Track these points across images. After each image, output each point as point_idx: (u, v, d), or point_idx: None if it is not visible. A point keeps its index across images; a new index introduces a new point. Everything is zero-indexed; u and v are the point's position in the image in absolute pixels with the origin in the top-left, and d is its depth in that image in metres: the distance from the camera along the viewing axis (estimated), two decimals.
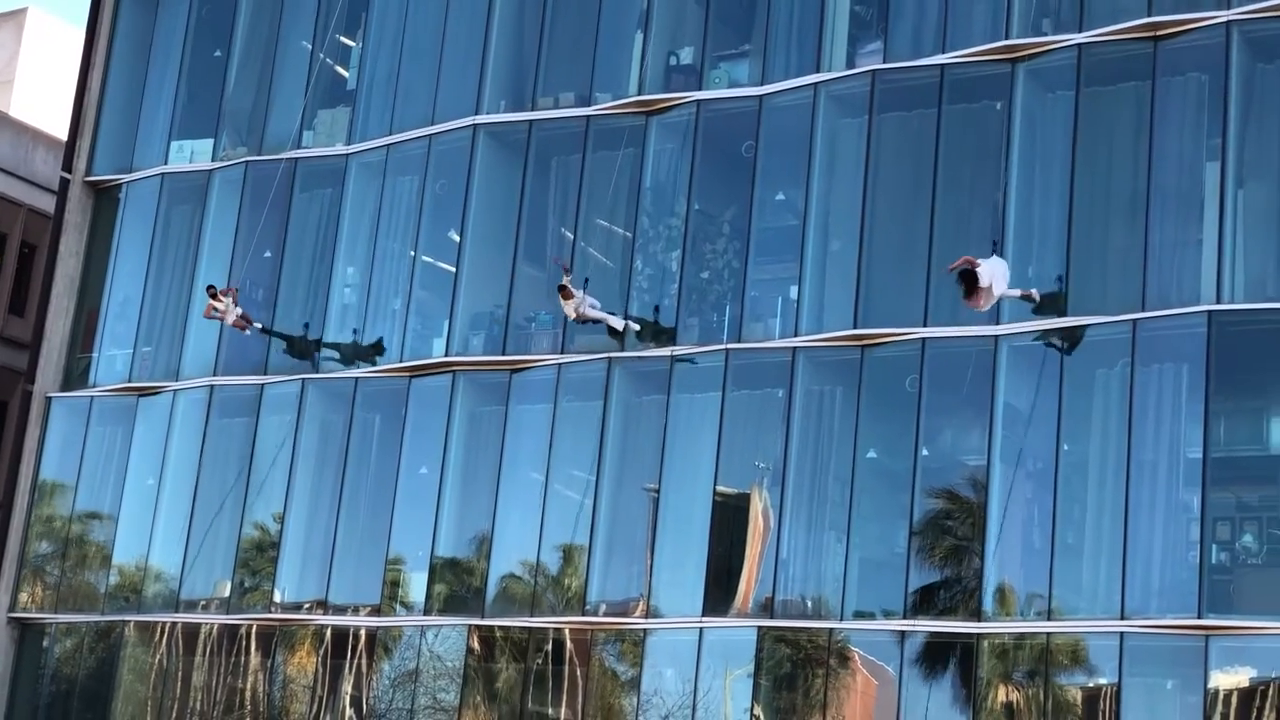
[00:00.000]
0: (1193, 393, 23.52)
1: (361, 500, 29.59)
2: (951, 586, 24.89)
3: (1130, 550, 23.35)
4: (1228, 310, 23.41)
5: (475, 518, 28.54)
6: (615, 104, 28.74)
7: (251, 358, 30.86)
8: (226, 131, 32.77)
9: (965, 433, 25.68)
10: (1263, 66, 24.19)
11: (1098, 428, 24.32)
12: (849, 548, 25.28)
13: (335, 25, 32.09)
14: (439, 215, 30.00)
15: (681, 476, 26.94)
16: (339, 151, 31.24)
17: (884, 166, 26.48)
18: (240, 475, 30.69)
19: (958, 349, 25.27)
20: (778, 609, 25.63)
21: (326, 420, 30.42)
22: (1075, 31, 25.25)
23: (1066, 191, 24.97)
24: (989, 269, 23.38)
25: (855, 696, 25.41)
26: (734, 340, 26.89)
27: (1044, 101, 25.65)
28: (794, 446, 26.05)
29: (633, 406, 27.75)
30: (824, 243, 26.76)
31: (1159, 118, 24.44)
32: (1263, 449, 23.46)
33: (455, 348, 29.09)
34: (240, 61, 32.93)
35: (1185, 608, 22.79)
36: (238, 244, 31.77)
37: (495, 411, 28.72)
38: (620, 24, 29.22)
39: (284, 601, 29.94)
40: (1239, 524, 23.36)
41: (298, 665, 29.73)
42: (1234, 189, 23.84)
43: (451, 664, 28.17)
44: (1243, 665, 22.74)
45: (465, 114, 29.79)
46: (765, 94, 27.55)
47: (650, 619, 26.53)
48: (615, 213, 28.55)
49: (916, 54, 26.55)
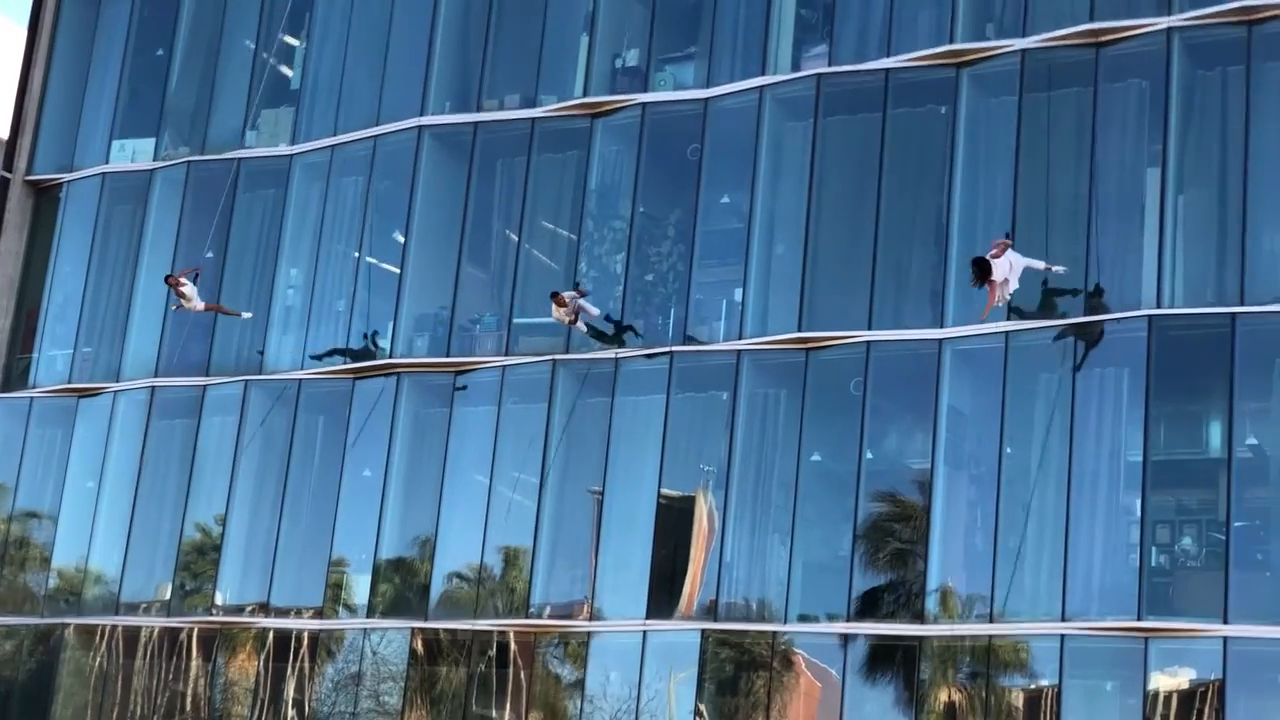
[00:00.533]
0: (1133, 397, 23.68)
1: (304, 502, 29.46)
2: (895, 589, 24.97)
3: (1071, 553, 23.48)
4: (1168, 315, 23.58)
5: (419, 520, 28.46)
6: (560, 106, 28.71)
7: (193, 359, 30.66)
8: (169, 131, 32.59)
9: (909, 436, 25.78)
10: (1203, 73, 24.38)
11: (1040, 431, 24.44)
12: (793, 551, 25.33)
13: (279, 24, 31.95)
14: (383, 216, 29.90)
15: (626, 479, 26.94)
16: (282, 152, 31.10)
17: (829, 170, 26.55)
18: (181, 477, 30.51)
19: (902, 352, 25.37)
20: (722, 612, 25.66)
21: (269, 422, 30.25)
22: (1018, 36, 25.39)
23: (1010, 196, 25.09)
24: (1007, 262, 23.21)
25: (799, 699, 25.47)
26: (679, 343, 26.90)
27: (988, 106, 25.77)
28: (738, 449, 26.10)
29: (577, 409, 27.71)
30: (769, 246, 26.81)
31: (1101, 123, 24.60)
32: (1202, 453, 23.63)
33: (399, 349, 29.00)
34: (183, 60, 32.74)
35: (1125, 610, 22.94)
36: (179, 244, 31.60)
37: (439, 413, 28.64)
38: (566, 26, 29.19)
39: (225, 604, 29.78)
40: (1178, 527, 23.53)
41: (239, 668, 29.57)
42: (1174, 195, 24.02)
43: (395, 667, 28.07)
44: (1182, 667, 22.91)
45: (410, 115, 29.71)
46: (710, 97, 27.58)
47: (594, 622, 26.51)
48: (560, 215, 28.54)
49: (861, 58, 26.64)
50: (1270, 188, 23.52)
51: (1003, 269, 23.12)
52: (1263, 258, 23.47)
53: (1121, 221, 24.40)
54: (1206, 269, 23.88)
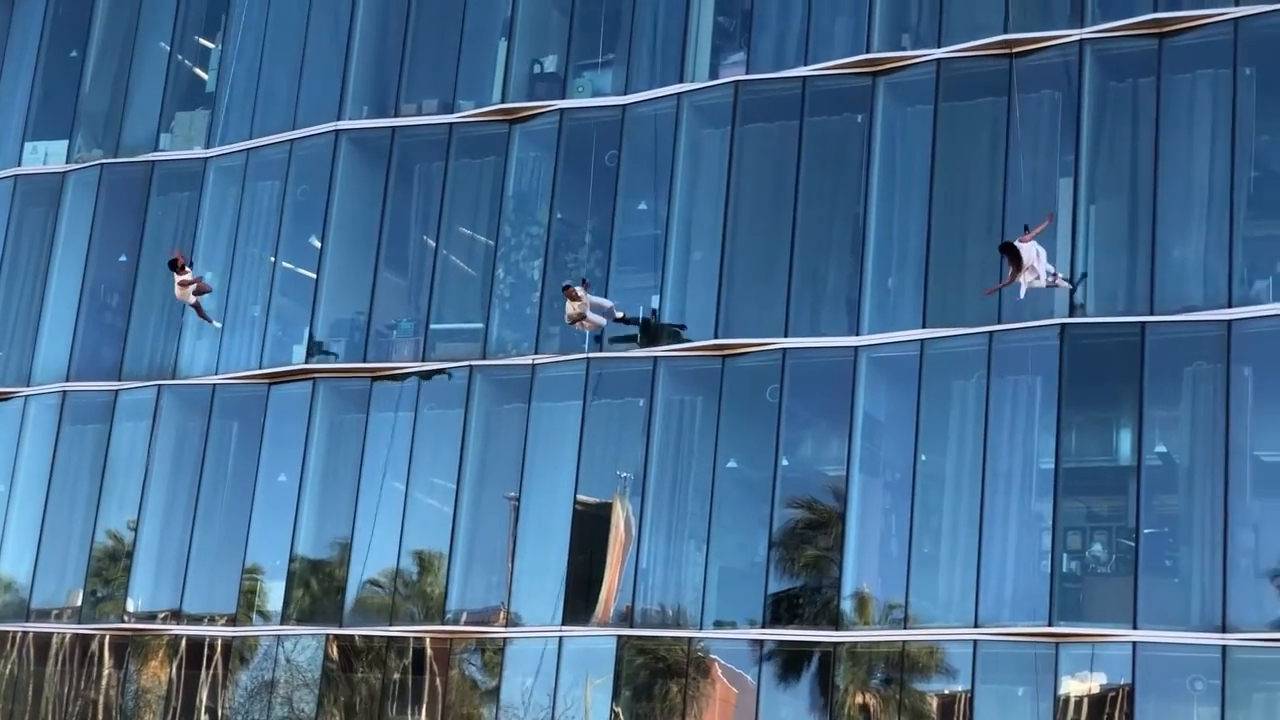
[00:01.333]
0: (1046, 404, 23.91)
1: (218, 508, 29.26)
2: (810, 595, 25.09)
3: (984, 559, 23.68)
4: (1080, 323, 23.83)
5: (334, 526, 28.32)
6: (478, 112, 28.66)
7: (105, 363, 30.36)
8: (82, 133, 32.28)
9: (825, 443, 25.92)
10: (1114, 84, 24.65)
11: (954, 438, 24.64)
12: (709, 557, 25.39)
13: (195, 27, 31.73)
14: (300, 221, 29.73)
15: (542, 485, 26.92)
16: (197, 155, 30.87)
17: (746, 177, 26.65)
18: (93, 483, 30.23)
19: (818, 360, 25.48)
20: (638, 618, 25.69)
21: (183, 427, 30.02)
22: (934, 46, 25.58)
23: (926, 204, 25.27)
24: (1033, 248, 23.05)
25: (715, 705, 25.53)
26: (595, 349, 26.91)
27: (904, 115, 25.95)
28: (654, 456, 26.13)
29: (494, 415, 27.67)
30: (686, 253, 26.87)
31: (1014, 133, 24.81)
32: (1112, 460, 23.88)
33: (315, 355, 28.83)
34: (97, 62, 32.44)
35: (1037, 616, 23.15)
36: (92, 247, 31.32)
37: (355, 419, 28.51)
38: (484, 32, 29.15)
39: (138, 611, 29.52)
40: (1089, 533, 23.77)
41: (152, 675, 29.32)
42: (1086, 204, 24.27)
43: (309, 674, 27.91)
44: (1092, 672, 23.13)
45: (327, 119, 29.57)
46: (628, 103, 27.61)
47: (510, 628, 26.48)
48: (478, 221, 28.49)
49: (779, 66, 26.77)
50: (1179, 198, 23.83)
51: (1030, 254, 22.84)
52: (1172, 267, 23.76)
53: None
54: (1117, 278, 24.13)
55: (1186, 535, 23.19)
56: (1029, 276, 22.75)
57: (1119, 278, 24.06)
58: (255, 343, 29.55)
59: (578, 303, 25.88)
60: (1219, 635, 22.16)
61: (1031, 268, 22.77)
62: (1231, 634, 22.11)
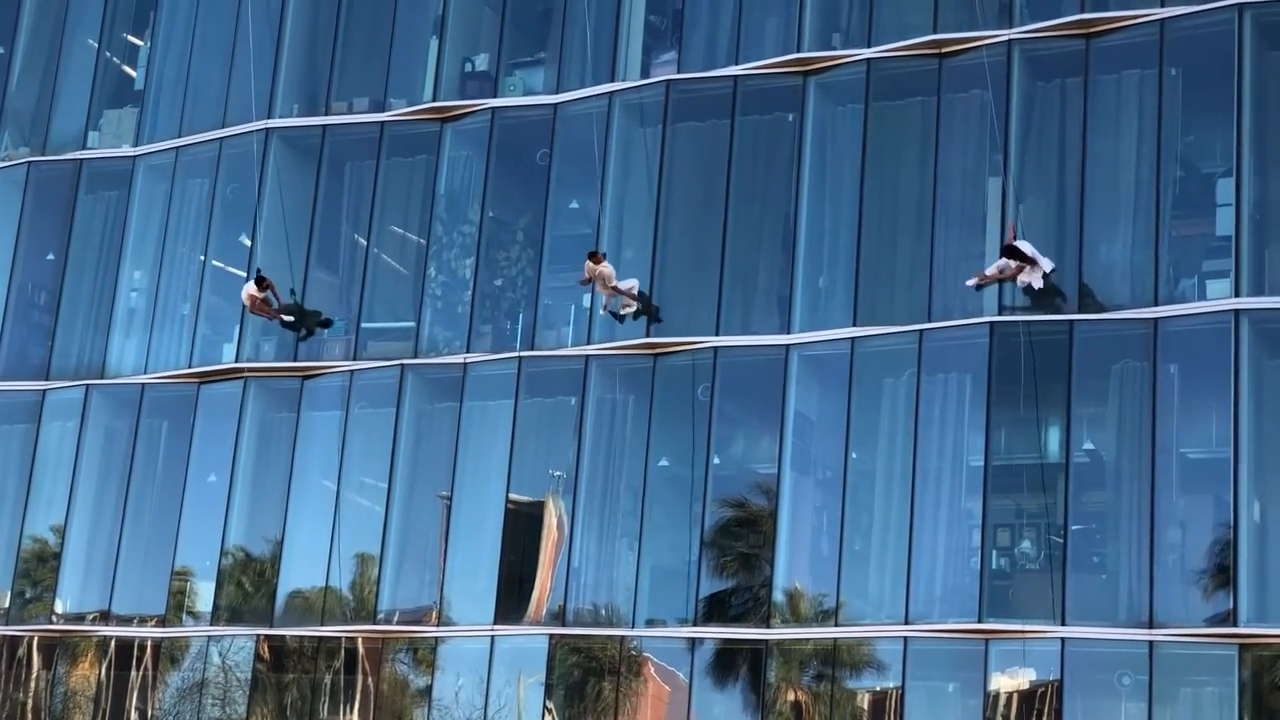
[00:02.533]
0: (975, 402, 24.07)
1: (147, 509, 29.06)
2: (742, 594, 25.15)
3: (914, 556, 23.80)
4: (1009, 321, 23.98)
5: (265, 526, 28.19)
6: (410, 110, 28.56)
7: (32, 362, 30.09)
8: (9, 130, 31.99)
9: (756, 441, 26.00)
10: (1042, 85, 24.82)
11: (884, 436, 24.75)
12: (641, 556, 25.42)
13: (123, 23, 31.48)
14: (230, 219, 29.58)
15: (474, 484, 26.87)
16: (126, 153, 30.64)
17: (677, 176, 26.67)
18: (20, 483, 29.96)
19: (749, 358, 25.54)
20: (570, 617, 25.69)
21: (111, 427, 29.80)
22: (864, 46, 25.68)
23: (856, 203, 25.37)
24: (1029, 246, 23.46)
25: (647, 703, 25.56)
26: (527, 348, 26.89)
27: (834, 114, 26.05)
28: (586, 455, 26.13)
29: (425, 414, 27.60)
30: (617, 251, 26.83)
31: (944, 133, 24.94)
32: (1040, 457, 24.02)
33: (246, 353, 28.68)
34: (24, 59, 32.15)
35: (966, 612, 23.29)
36: (19, 246, 31.05)
37: (286, 418, 28.37)
38: (415, 29, 29.06)
39: (66, 612, 29.28)
40: (1019, 530, 23.95)
41: (81, 677, 29.11)
42: (1015, 203, 24.43)
43: (240, 675, 27.76)
44: (1021, 668, 23.28)
45: (257, 117, 29.39)
46: (560, 102, 27.59)
47: (442, 628, 26.42)
48: (409, 219, 28.41)
49: (710, 65, 26.81)
50: (1106, 197, 24.01)
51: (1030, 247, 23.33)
52: (1099, 266, 23.94)
53: (964, 229, 24.77)
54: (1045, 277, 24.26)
55: (1114, 532, 23.39)
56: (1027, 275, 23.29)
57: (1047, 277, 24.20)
58: (185, 342, 29.34)
59: (600, 265, 25.54)
60: (1146, 631, 22.34)
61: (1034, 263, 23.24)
62: (1159, 630, 22.30)
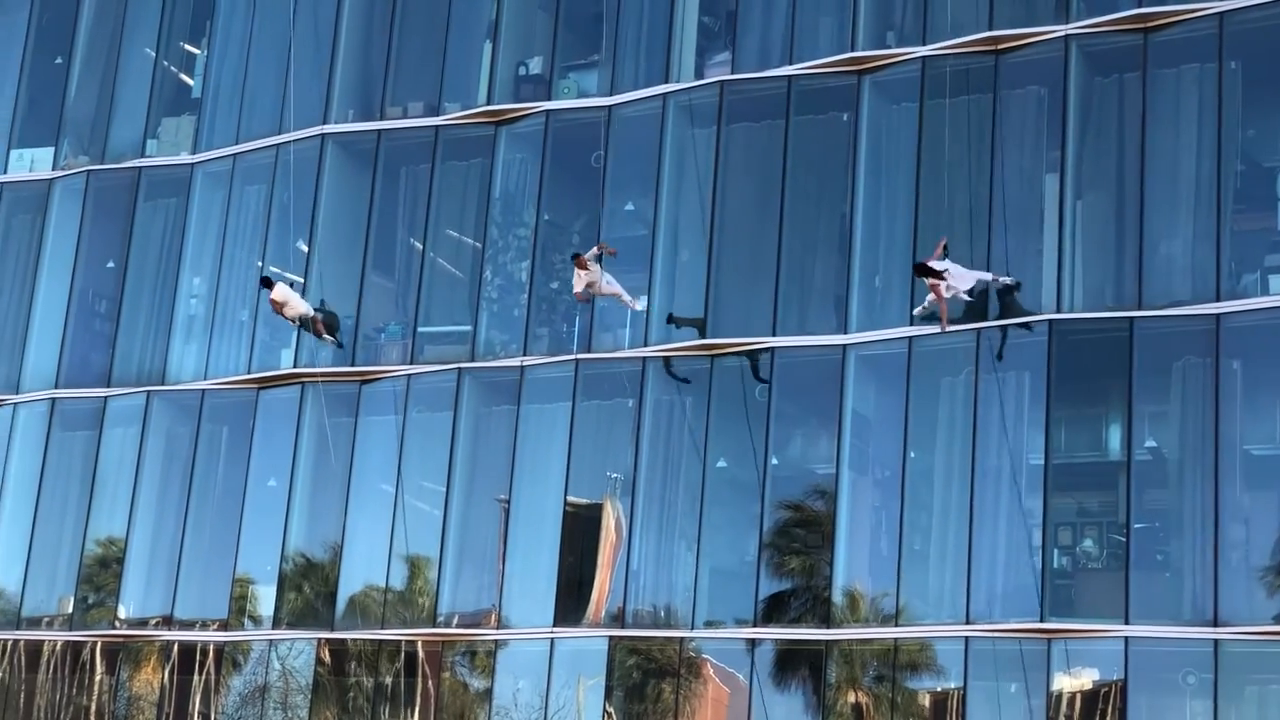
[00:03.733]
0: (1034, 400, 23.92)
1: (208, 513, 29.22)
2: (801, 594, 25.08)
3: (974, 556, 23.68)
4: (1068, 319, 23.84)
5: (325, 530, 28.30)
6: (464, 114, 28.63)
7: (94, 369, 30.32)
8: (68, 140, 32.23)
9: (814, 442, 25.93)
10: (1100, 80, 24.66)
11: (943, 435, 24.64)
12: (699, 557, 25.38)
13: (180, 32, 31.69)
14: (286, 225, 29.69)
15: (532, 487, 26.91)
16: (184, 160, 30.83)
17: (733, 177, 26.64)
18: (83, 489, 30.18)
19: (806, 358, 25.48)
20: (629, 619, 25.68)
21: (172, 432, 29.99)
22: (919, 44, 25.58)
23: (912, 202, 25.27)
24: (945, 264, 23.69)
25: (707, 705, 25.53)
26: (584, 350, 26.90)
27: (889, 113, 25.96)
28: (644, 456, 26.12)
29: (483, 417, 27.66)
30: (673, 253, 26.86)
31: (1000, 130, 24.82)
32: (1102, 455, 23.91)
33: (304, 359, 28.81)
34: (82, 68, 32.39)
35: (1028, 612, 23.16)
36: (80, 254, 31.29)
37: (344, 423, 28.48)
38: (469, 34, 29.12)
39: (129, 617, 29.48)
40: (1080, 529, 23.80)
41: (144, 682, 29.29)
42: (1073, 200, 24.28)
43: (302, 678, 27.89)
44: (1084, 668, 23.15)
45: (313, 123, 29.53)
46: (614, 104, 27.60)
47: (501, 630, 26.46)
48: (465, 223, 28.47)
49: (764, 65, 26.76)
50: (1166, 192, 23.84)
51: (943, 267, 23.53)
52: (1159, 261, 23.78)
53: (1021, 227, 24.62)
54: (1105, 273, 24.14)
55: (1177, 529, 23.21)
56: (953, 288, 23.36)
57: (1107, 273, 24.07)
58: (244, 347, 29.51)
59: (586, 271, 25.53)
60: (1211, 629, 22.17)
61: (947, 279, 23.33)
62: (1223, 628, 22.12)
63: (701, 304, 26.14)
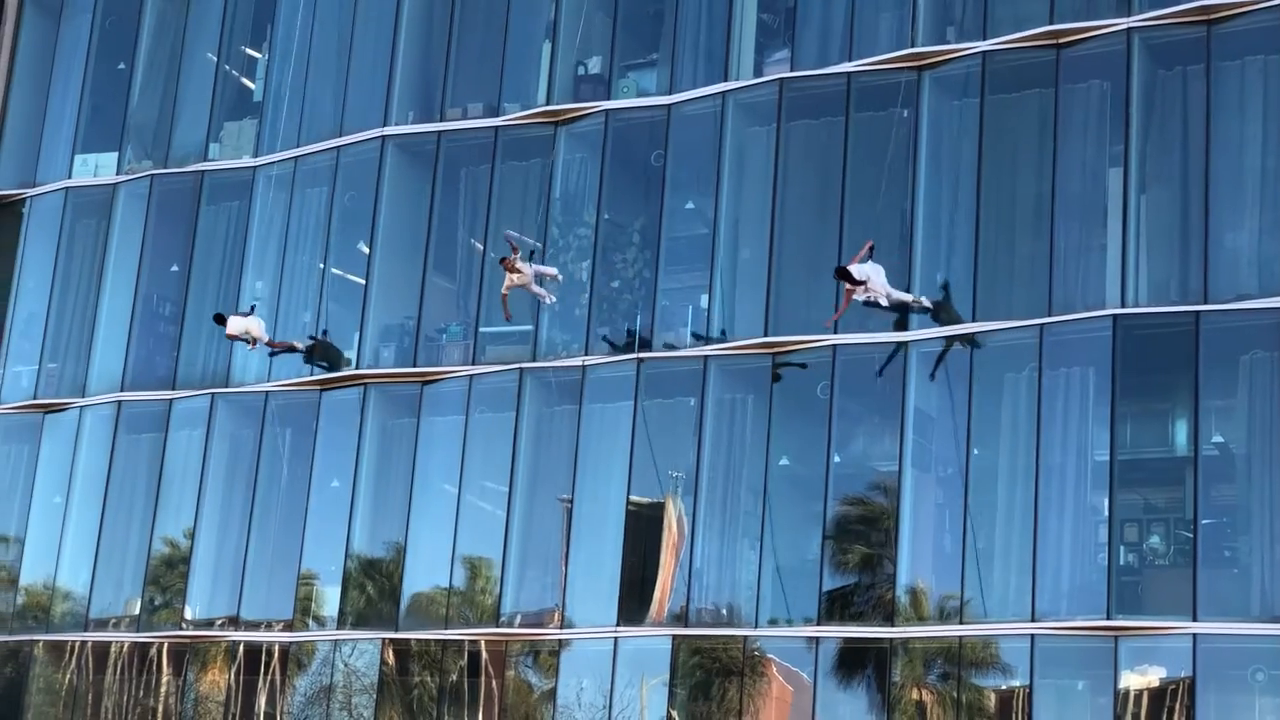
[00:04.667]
0: (1099, 396, 23.75)
1: (273, 515, 29.38)
2: (864, 592, 25.00)
3: (1040, 553, 23.53)
4: (1132, 314, 23.67)
5: (388, 530, 28.42)
6: (524, 114, 28.70)
7: (159, 372, 30.55)
8: (131, 144, 32.49)
9: (876, 439, 25.81)
10: (1163, 73, 24.48)
11: (1006, 432, 24.50)
12: (762, 555, 25.34)
13: (241, 37, 31.90)
14: (348, 227, 29.85)
15: (594, 486, 26.93)
16: (246, 164, 31.02)
17: (793, 174, 26.59)
18: (149, 491, 30.41)
19: (868, 356, 25.41)
20: (692, 618, 25.66)
21: (236, 435, 30.18)
22: (979, 39, 25.46)
23: (973, 198, 25.16)
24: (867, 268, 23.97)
25: (771, 703, 25.48)
26: (645, 349, 26.90)
27: (950, 109, 25.84)
28: (706, 455, 26.11)
29: (544, 417, 27.70)
30: (734, 251, 26.84)
31: (1063, 124, 24.68)
32: (1168, 451, 23.72)
33: (366, 360, 28.94)
34: (144, 74, 32.65)
35: (1094, 609, 23.00)
36: (144, 258, 31.54)
37: (407, 424, 28.59)
38: (528, 34, 29.19)
39: (195, 618, 29.67)
40: (1146, 525, 23.61)
41: (210, 682, 29.48)
42: (1136, 194, 24.11)
43: (366, 678, 28.01)
44: (1152, 665, 22.97)
45: (373, 125, 29.67)
46: (674, 103, 27.59)
47: (565, 630, 26.49)
48: (525, 223, 28.50)
49: (823, 62, 26.69)
50: (1231, 185, 23.64)
51: (862, 272, 23.75)
52: (1225, 255, 23.58)
53: (1084, 222, 24.48)
54: (1170, 267, 23.96)
55: (1245, 525, 23.00)
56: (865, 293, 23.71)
57: (1171, 267, 23.88)
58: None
59: (517, 274, 26.12)
60: None
61: (866, 285, 23.62)
62: None
63: (763, 302, 26.09)
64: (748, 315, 26.38)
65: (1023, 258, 24.62)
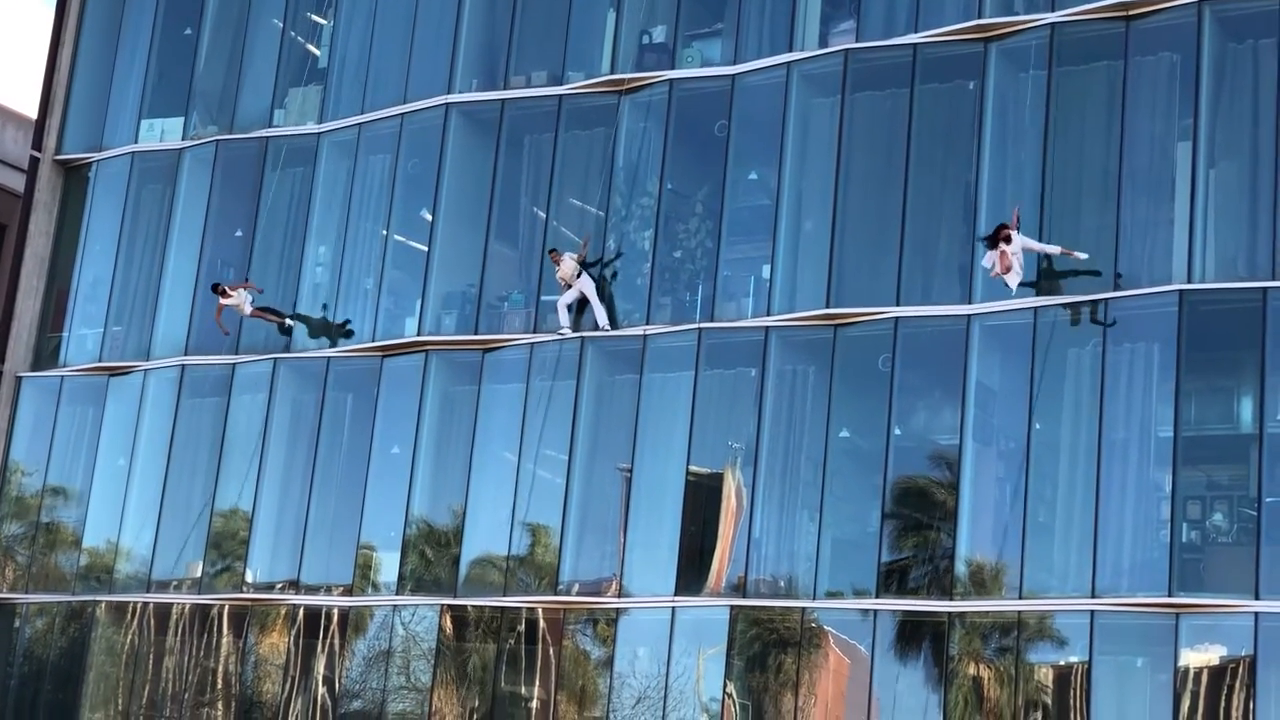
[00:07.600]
0: (1164, 372, 23.58)
1: (333, 480, 29.54)
2: (923, 565, 24.94)
3: (1101, 529, 23.41)
4: (1199, 290, 23.47)
5: (447, 497, 28.53)
6: (588, 83, 28.67)
7: (222, 337, 30.71)
8: (197, 110, 32.65)
9: (937, 412, 25.71)
10: (1234, 46, 24.22)
11: (1069, 407, 24.36)
12: (821, 527, 25.31)
13: (306, 3, 31.98)
14: (411, 194, 29.92)
15: (654, 456, 26.93)
16: (310, 130, 31.14)
17: (856, 146, 26.46)
18: (212, 455, 30.62)
19: (930, 328, 25.30)
20: (750, 588, 25.66)
21: (298, 400, 30.35)
22: (1047, 11, 25.25)
23: (1039, 171, 24.98)
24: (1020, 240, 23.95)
25: (827, 675, 25.48)
26: (706, 320, 26.87)
27: (1016, 81, 25.64)
28: (766, 426, 26.06)
29: (605, 386, 27.72)
30: (797, 222, 26.75)
31: (1131, 97, 24.46)
32: (1233, 428, 23.52)
33: (427, 327, 29.03)
34: (210, 39, 32.79)
35: (1156, 586, 22.87)
36: (208, 223, 31.73)
37: (468, 391, 28.68)
38: (592, 3, 29.14)
39: (256, 582, 29.90)
40: (1209, 503, 23.44)
41: (270, 645, 29.69)
42: (1205, 169, 23.88)
43: (425, 644, 28.15)
44: (1213, 643, 22.84)
45: (437, 93, 29.72)
46: (738, 73, 27.51)
47: (623, 599, 26.54)
48: (588, 192, 28.51)
49: (889, 33, 26.53)
50: None
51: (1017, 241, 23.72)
52: None
53: (1152, 196, 24.28)
54: (1237, 243, 23.73)
55: None
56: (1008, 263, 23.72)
57: (1239, 242, 23.64)
58: (368, 315, 29.79)
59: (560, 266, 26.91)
60: None
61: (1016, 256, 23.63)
62: None
63: (825, 274, 26.01)
64: (809, 287, 26.31)
65: (1088, 232, 24.42)
